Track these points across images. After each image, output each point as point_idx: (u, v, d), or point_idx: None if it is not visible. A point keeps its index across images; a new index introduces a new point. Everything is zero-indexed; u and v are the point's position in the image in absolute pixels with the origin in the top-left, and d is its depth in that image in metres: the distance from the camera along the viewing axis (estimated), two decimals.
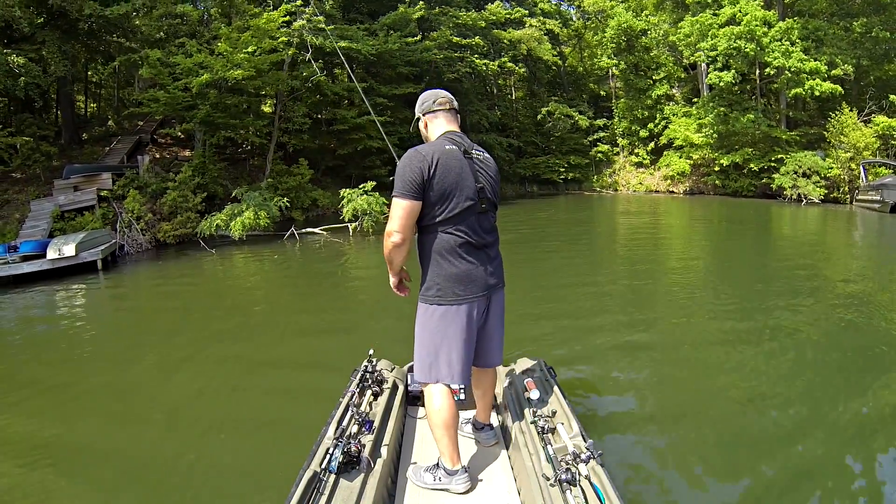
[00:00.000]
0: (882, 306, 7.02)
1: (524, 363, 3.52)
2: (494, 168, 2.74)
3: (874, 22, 23.97)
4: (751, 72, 26.83)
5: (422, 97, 2.78)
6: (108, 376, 5.55)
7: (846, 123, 23.53)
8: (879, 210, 19.34)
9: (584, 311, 7.31)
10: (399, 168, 2.49)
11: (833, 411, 4.09)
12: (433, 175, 2.43)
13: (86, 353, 6.56)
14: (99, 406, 4.85)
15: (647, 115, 33.95)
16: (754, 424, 3.95)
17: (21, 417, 4.64)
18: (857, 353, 5.35)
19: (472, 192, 2.53)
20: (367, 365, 3.36)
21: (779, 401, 4.32)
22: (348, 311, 8.02)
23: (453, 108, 2.74)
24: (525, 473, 2.49)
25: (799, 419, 3.99)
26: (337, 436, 2.50)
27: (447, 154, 2.50)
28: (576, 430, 2.61)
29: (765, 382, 4.70)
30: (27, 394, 5.18)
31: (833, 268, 10.36)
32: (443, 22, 28.74)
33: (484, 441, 3.02)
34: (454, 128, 2.70)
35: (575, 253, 12.95)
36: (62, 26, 16.70)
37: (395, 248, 2.50)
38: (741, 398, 4.39)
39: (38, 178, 17.33)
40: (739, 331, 6.12)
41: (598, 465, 2.27)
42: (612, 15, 34.96)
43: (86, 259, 11.79)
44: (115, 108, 27.99)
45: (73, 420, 4.54)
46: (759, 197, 26.37)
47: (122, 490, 3.46)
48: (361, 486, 2.31)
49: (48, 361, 6.27)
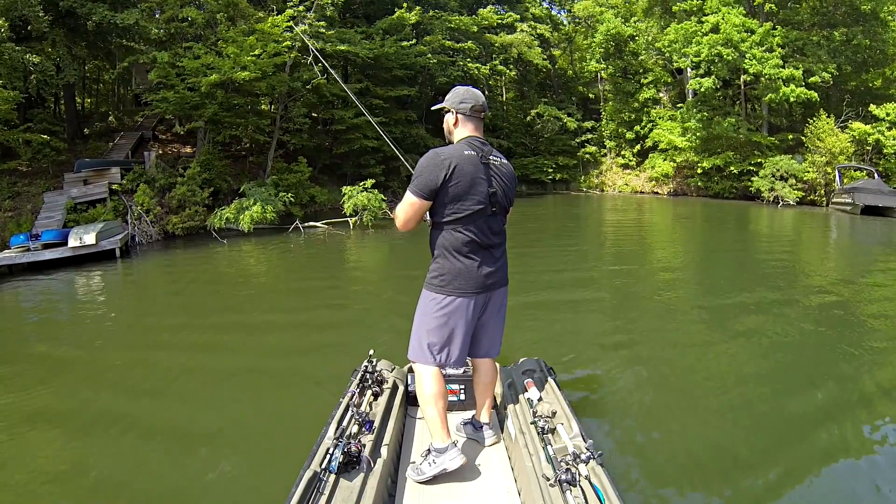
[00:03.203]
0: (845, 294, 7.94)
1: (524, 363, 3.54)
2: (510, 173, 2.83)
3: (855, 32, 24.89)
4: (733, 78, 27.79)
5: (460, 93, 2.82)
6: (137, 352, 6.05)
7: (822, 129, 24.51)
8: (851, 212, 20.46)
9: (578, 306, 7.60)
10: (419, 166, 2.63)
11: (834, 405, 4.30)
12: (449, 179, 2.56)
13: (119, 329, 7.36)
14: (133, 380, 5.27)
15: (634, 118, 34.83)
16: (754, 424, 4.00)
17: (59, 388, 5.16)
18: (833, 340, 5.85)
19: (483, 197, 2.65)
20: (367, 365, 3.40)
21: (778, 399, 4.40)
22: (352, 300, 8.72)
23: (484, 115, 2.85)
24: (525, 473, 2.50)
25: (798, 419, 4.06)
26: (337, 436, 2.53)
27: (465, 160, 2.61)
28: (576, 431, 2.64)
29: (763, 380, 4.83)
30: (72, 364, 5.89)
31: (801, 261, 11.35)
32: (436, 26, 29.41)
33: (484, 441, 3.06)
34: (478, 134, 2.80)
35: (565, 245, 13.84)
36: (69, 24, 17.28)
37: (401, 229, 2.75)
38: (740, 397, 4.49)
39: (45, 171, 17.94)
40: (726, 328, 6.38)
41: (598, 466, 2.30)
42: (602, 20, 35.84)
43: (105, 247, 12.55)
44: (115, 104, 28.53)
45: (103, 390, 5.01)
46: (739, 199, 27.33)
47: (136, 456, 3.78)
48: (361, 486, 2.32)
49: (83, 337, 6.98)
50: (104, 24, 16.64)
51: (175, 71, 17.23)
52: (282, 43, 18.25)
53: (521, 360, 3.62)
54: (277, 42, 18.03)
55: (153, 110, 19.61)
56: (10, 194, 16.32)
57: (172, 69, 17.15)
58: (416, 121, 28.61)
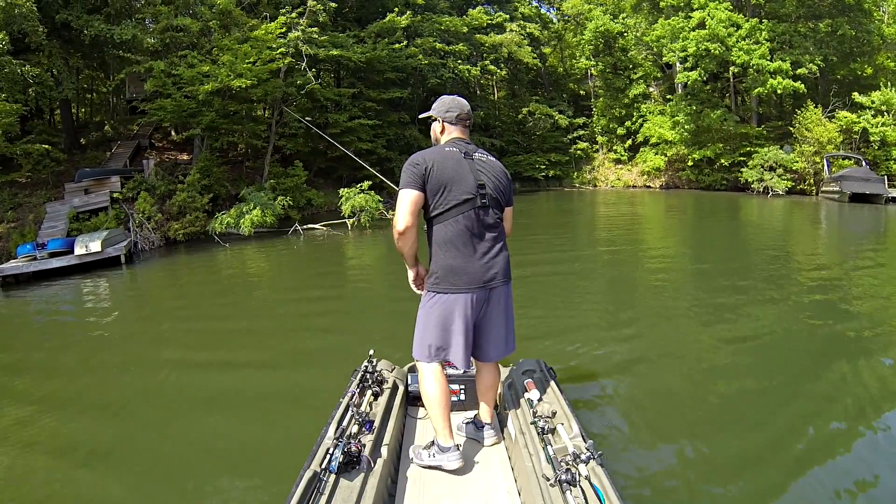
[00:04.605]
0: (832, 277, 8.39)
1: (524, 363, 3.52)
2: (499, 169, 2.86)
3: (840, 22, 25.31)
4: (721, 71, 28.18)
5: (445, 102, 2.89)
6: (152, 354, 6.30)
7: (810, 119, 24.96)
8: (839, 200, 20.94)
9: (574, 302, 7.73)
10: (403, 168, 2.68)
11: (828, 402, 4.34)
12: (431, 169, 2.61)
13: (132, 331, 7.67)
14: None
15: (625, 113, 35.33)
16: (754, 424, 4.01)
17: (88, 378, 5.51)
18: (822, 328, 6.03)
19: (470, 188, 2.66)
20: (367, 365, 3.39)
21: (777, 396, 4.44)
22: (352, 300, 9.09)
23: (470, 123, 2.92)
24: (525, 474, 2.50)
25: (795, 419, 4.08)
26: (337, 436, 2.52)
27: (445, 154, 2.69)
28: (576, 431, 2.63)
29: (762, 375, 4.86)
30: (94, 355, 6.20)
31: (793, 250, 11.72)
32: (427, 28, 29.71)
33: (484, 441, 3.07)
34: (464, 137, 2.87)
35: (563, 239, 14.18)
36: (65, 36, 17.50)
37: (400, 236, 2.65)
38: (738, 395, 4.53)
39: (45, 182, 18.17)
40: (722, 320, 6.51)
41: (598, 466, 2.29)
42: (591, 17, 36.27)
43: (110, 254, 12.83)
44: (109, 113, 28.75)
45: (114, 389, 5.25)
46: (730, 190, 27.79)
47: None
48: (361, 486, 2.32)
49: (97, 337, 7.31)
50: (101, 38, 16.89)
51: (171, 80, 17.49)
52: (276, 49, 18.54)
53: (521, 360, 3.62)
54: (272, 49, 18.33)
55: (150, 118, 19.84)
56: (12, 205, 16.55)
57: (168, 78, 17.41)
58: (409, 122, 28.89)
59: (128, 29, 16.62)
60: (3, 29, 14.45)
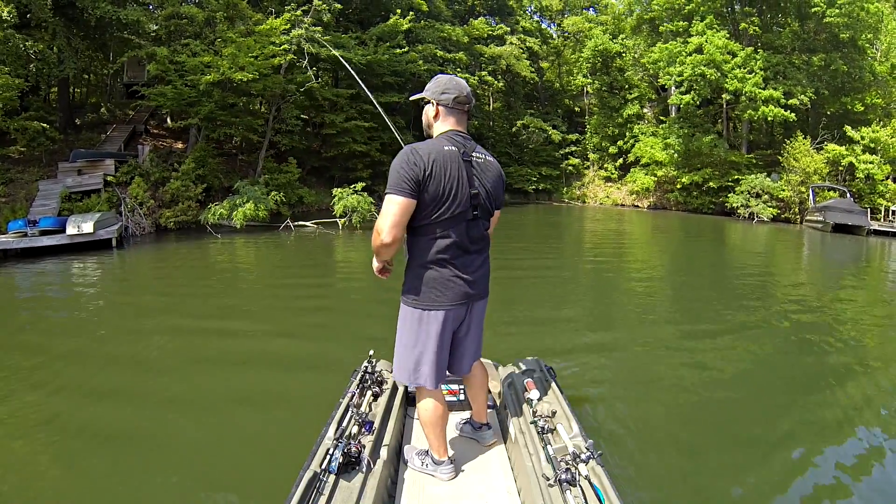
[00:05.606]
0: (809, 298, 8.55)
1: (524, 363, 3.51)
2: (495, 172, 2.59)
3: (833, 57, 25.83)
4: (714, 97, 28.66)
5: (442, 82, 2.52)
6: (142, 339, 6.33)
7: (798, 150, 25.48)
8: (822, 230, 21.36)
9: (565, 305, 7.90)
10: (394, 165, 2.32)
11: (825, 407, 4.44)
12: (429, 176, 2.29)
13: (126, 311, 7.73)
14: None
15: (618, 132, 35.68)
16: (753, 424, 4.10)
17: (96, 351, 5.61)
18: (803, 349, 6.08)
19: (464, 199, 2.39)
20: (366, 366, 3.35)
21: (769, 397, 4.57)
22: (349, 298, 9.20)
23: (470, 109, 2.56)
24: (525, 473, 2.49)
25: (793, 418, 4.20)
26: (337, 436, 2.50)
27: (445, 156, 2.36)
28: (575, 431, 2.62)
29: (760, 378, 5.01)
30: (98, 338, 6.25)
31: (776, 274, 12.01)
32: (428, 35, 30.00)
33: (483, 440, 3.03)
34: (461, 128, 2.52)
35: (551, 251, 14.39)
36: (69, 14, 17.52)
37: (383, 247, 2.36)
38: (738, 395, 4.64)
39: (38, 159, 18.12)
40: (705, 331, 6.62)
41: (597, 466, 2.29)
42: (591, 36, 36.78)
43: (102, 237, 12.87)
44: (107, 95, 28.62)
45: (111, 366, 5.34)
46: (716, 214, 28.20)
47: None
48: (361, 486, 2.31)
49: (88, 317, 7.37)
50: (106, 19, 16.94)
51: (173, 67, 17.56)
52: (279, 45, 18.68)
53: (520, 360, 3.58)
54: (275, 44, 18.47)
55: (150, 103, 19.87)
56: (4, 181, 16.49)
57: (171, 65, 17.48)
58: (404, 127, 29.09)
59: (134, 12, 16.67)
60: (9, 3, 14.45)
